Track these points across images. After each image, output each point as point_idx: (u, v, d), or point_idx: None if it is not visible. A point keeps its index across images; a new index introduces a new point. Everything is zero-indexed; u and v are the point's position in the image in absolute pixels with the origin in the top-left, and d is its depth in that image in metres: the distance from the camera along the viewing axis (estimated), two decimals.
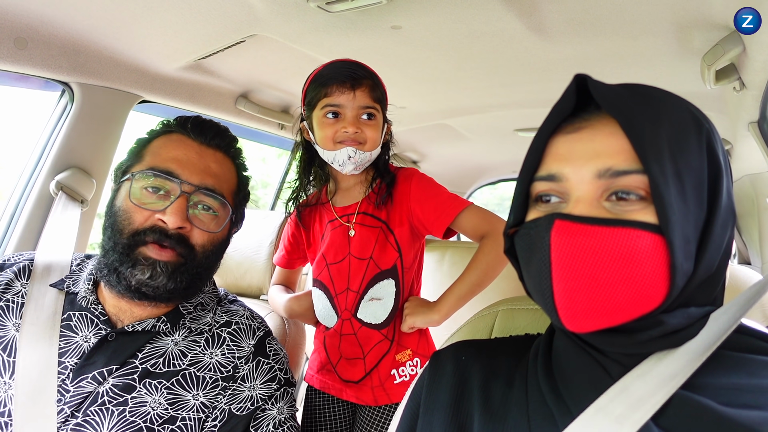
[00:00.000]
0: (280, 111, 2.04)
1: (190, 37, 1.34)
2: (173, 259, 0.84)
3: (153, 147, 0.90)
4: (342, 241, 1.20)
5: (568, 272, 0.49)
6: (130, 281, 0.82)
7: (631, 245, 0.47)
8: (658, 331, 0.50)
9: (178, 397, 0.83)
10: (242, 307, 1.00)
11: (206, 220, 0.88)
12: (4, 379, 0.80)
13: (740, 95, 1.36)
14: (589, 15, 1.19)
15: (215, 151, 0.91)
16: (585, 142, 0.52)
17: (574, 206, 0.51)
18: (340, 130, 1.11)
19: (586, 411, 0.50)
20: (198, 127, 0.91)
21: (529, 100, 1.94)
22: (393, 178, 1.20)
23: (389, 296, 1.18)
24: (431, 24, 1.27)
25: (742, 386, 0.49)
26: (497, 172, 3.72)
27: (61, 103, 1.47)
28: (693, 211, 0.48)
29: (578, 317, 0.49)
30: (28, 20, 1.20)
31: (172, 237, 0.83)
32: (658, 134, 0.48)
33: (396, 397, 1.19)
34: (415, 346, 1.21)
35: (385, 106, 1.18)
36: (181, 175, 0.85)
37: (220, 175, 0.90)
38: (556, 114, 0.54)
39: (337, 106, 1.11)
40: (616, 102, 0.51)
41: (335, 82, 1.10)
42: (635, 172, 0.49)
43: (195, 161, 0.88)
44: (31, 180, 1.44)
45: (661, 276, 0.47)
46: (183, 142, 0.89)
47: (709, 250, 0.49)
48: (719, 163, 0.50)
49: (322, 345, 1.26)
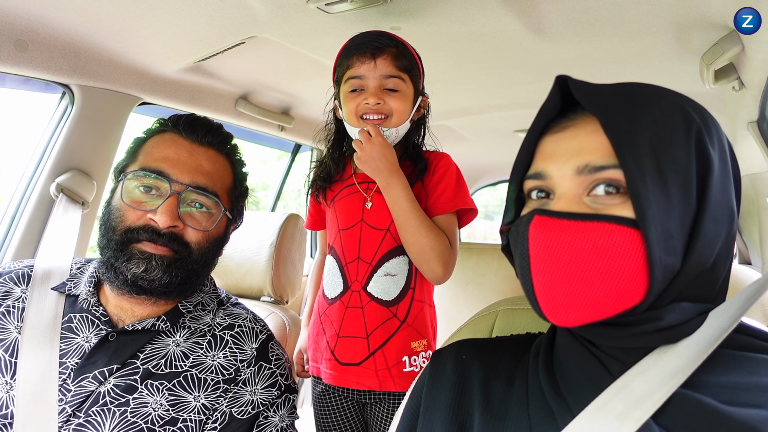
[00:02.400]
0: (280, 113, 2.04)
1: (190, 39, 1.35)
2: (168, 253, 0.85)
3: (147, 146, 0.91)
4: (355, 208, 1.17)
5: (545, 265, 0.51)
6: (126, 275, 0.82)
7: (606, 239, 0.48)
8: (651, 326, 0.50)
9: (180, 399, 0.83)
10: (245, 311, 1.00)
11: (199, 218, 0.88)
12: (5, 379, 0.81)
13: (739, 95, 1.36)
14: (588, 15, 1.19)
15: (207, 149, 0.91)
16: (568, 140, 0.54)
17: (556, 202, 0.53)
18: (361, 102, 1.09)
19: (586, 409, 0.50)
20: (189, 126, 0.91)
21: (529, 100, 1.94)
22: (425, 166, 1.16)
23: (403, 273, 1.15)
24: (430, 25, 1.27)
25: (742, 385, 0.49)
26: (497, 173, 3.72)
27: (61, 105, 1.47)
28: (677, 206, 0.49)
29: (558, 310, 0.51)
30: (29, 23, 1.21)
31: (165, 236, 0.84)
32: (637, 130, 0.49)
33: (402, 386, 1.13)
34: (431, 337, 1.17)
35: (416, 76, 1.14)
36: (172, 174, 0.86)
37: (212, 172, 0.90)
38: (542, 115, 0.57)
39: (358, 77, 1.09)
40: (596, 100, 0.52)
41: (356, 53, 1.09)
42: (612, 167, 0.50)
43: (186, 160, 0.88)
44: (32, 182, 1.44)
45: (639, 270, 0.48)
46: (174, 141, 0.90)
47: (699, 245, 0.49)
48: (709, 158, 0.50)
49: (320, 320, 1.21)
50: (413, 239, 1.08)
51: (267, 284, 1.50)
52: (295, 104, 2.03)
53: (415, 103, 1.14)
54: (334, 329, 1.17)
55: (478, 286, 1.76)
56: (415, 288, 1.16)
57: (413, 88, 1.13)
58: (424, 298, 1.18)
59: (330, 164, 1.24)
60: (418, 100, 1.15)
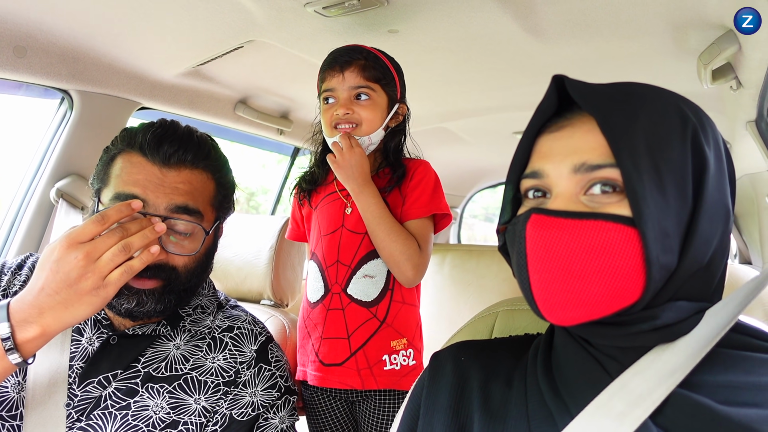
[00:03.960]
0: (279, 116, 2.04)
1: (189, 44, 1.35)
2: (156, 285, 0.82)
3: (116, 167, 0.84)
4: (336, 214, 1.21)
5: (542, 264, 0.51)
6: (119, 309, 0.81)
7: (603, 238, 0.48)
8: (648, 324, 0.50)
9: (180, 402, 0.83)
10: (244, 313, 1.00)
11: (182, 243, 0.84)
12: (17, 379, 0.81)
13: (737, 94, 1.36)
14: (585, 16, 1.19)
15: (179, 170, 0.83)
16: (565, 139, 0.54)
17: (552, 201, 0.53)
18: (333, 113, 1.14)
19: (585, 409, 0.50)
20: (155, 147, 0.82)
21: (528, 102, 1.94)
22: (404, 173, 1.20)
23: (382, 275, 1.18)
24: (428, 27, 1.28)
25: (739, 384, 0.49)
26: (497, 175, 3.72)
27: (60, 111, 1.47)
28: (674, 205, 0.49)
29: (555, 309, 0.51)
30: (27, 28, 1.21)
31: (150, 267, 0.79)
32: (633, 129, 0.50)
33: (384, 383, 1.16)
34: (411, 336, 1.20)
35: (388, 84, 1.17)
36: (147, 200, 0.80)
37: (190, 191, 0.84)
38: (539, 115, 0.57)
39: (330, 90, 1.15)
40: (593, 100, 0.52)
41: (328, 68, 1.16)
42: (609, 166, 0.50)
43: (158, 184, 0.81)
44: (31, 187, 1.44)
45: (636, 268, 0.48)
46: (143, 166, 0.82)
47: (695, 244, 0.49)
48: (705, 157, 0.51)
49: (304, 324, 1.24)
50: (384, 244, 1.13)
51: (267, 287, 1.50)
52: (293, 108, 2.03)
53: (390, 111, 1.18)
54: (318, 332, 1.21)
55: (478, 288, 1.76)
56: (393, 289, 1.19)
57: (386, 96, 1.17)
58: (404, 299, 1.21)
59: (316, 170, 1.29)
60: (393, 108, 1.19)
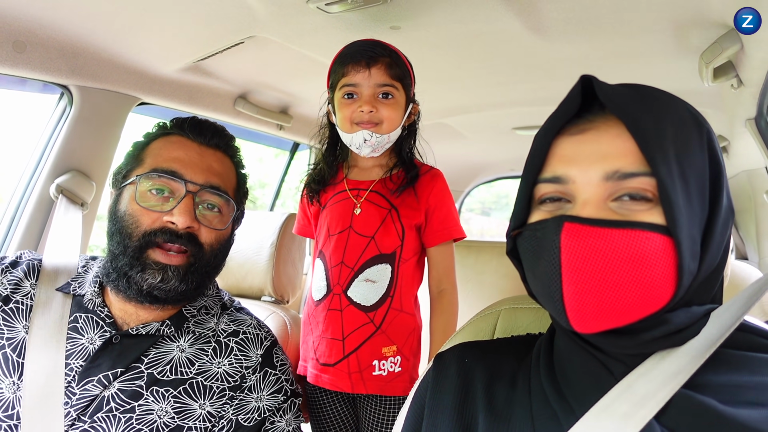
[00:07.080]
0: (279, 112, 2.03)
1: (189, 39, 1.34)
2: (183, 262, 0.84)
3: (152, 149, 0.90)
4: (345, 214, 1.20)
5: (579, 274, 0.49)
6: (141, 285, 0.82)
7: (640, 247, 0.47)
8: (661, 330, 0.50)
9: (185, 406, 0.83)
10: (249, 316, 1.00)
11: (212, 219, 0.89)
12: (13, 379, 0.81)
13: (738, 92, 1.37)
14: (587, 14, 1.19)
15: (215, 151, 0.92)
16: (591, 143, 0.52)
17: (581, 208, 0.51)
18: (356, 110, 1.12)
19: (591, 410, 0.51)
20: (196, 128, 0.92)
21: (528, 98, 1.94)
22: (417, 174, 1.20)
23: (383, 280, 1.17)
24: (430, 24, 1.27)
25: (743, 384, 0.49)
26: (495, 171, 3.72)
27: (60, 106, 1.46)
28: (697, 211, 0.49)
29: (587, 319, 0.50)
30: (27, 24, 1.20)
31: (183, 236, 0.84)
32: (663, 135, 0.49)
33: (372, 389, 1.16)
34: (402, 343, 1.20)
35: (408, 84, 1.17)
36: (185, 174, 0.86)
37: (222, 173, 0.91)
38: (561, 115, 0.54)
39: (353, 85, 1.12)
40: (621, 103, 0.51)
41: (351, 62, 1.12)
42: (643, 174, 0.49)
43: (197, 161, 0.88)
44: (31, 183, 1.43)
45: (669, 276, 0.48)
46: (183, 143, 0.90)
47: (711, 249, 0.50)
48: (719, 162, 0.51)
49: (308, 320, 1.25)
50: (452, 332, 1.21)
51: (268, 284, 1.50)
52: (293, 103, 2.02)
53: (407, 110, 1.18)
54: (318, 330, 1.21)
55: (477, 284, 1.76)
56: (393, 296, 1.19)
57: (405, 95, 1.17)
58: (402, 307, 1.20)
59: (324, 168, 1.27)
60: (409, 107, 1.19)
